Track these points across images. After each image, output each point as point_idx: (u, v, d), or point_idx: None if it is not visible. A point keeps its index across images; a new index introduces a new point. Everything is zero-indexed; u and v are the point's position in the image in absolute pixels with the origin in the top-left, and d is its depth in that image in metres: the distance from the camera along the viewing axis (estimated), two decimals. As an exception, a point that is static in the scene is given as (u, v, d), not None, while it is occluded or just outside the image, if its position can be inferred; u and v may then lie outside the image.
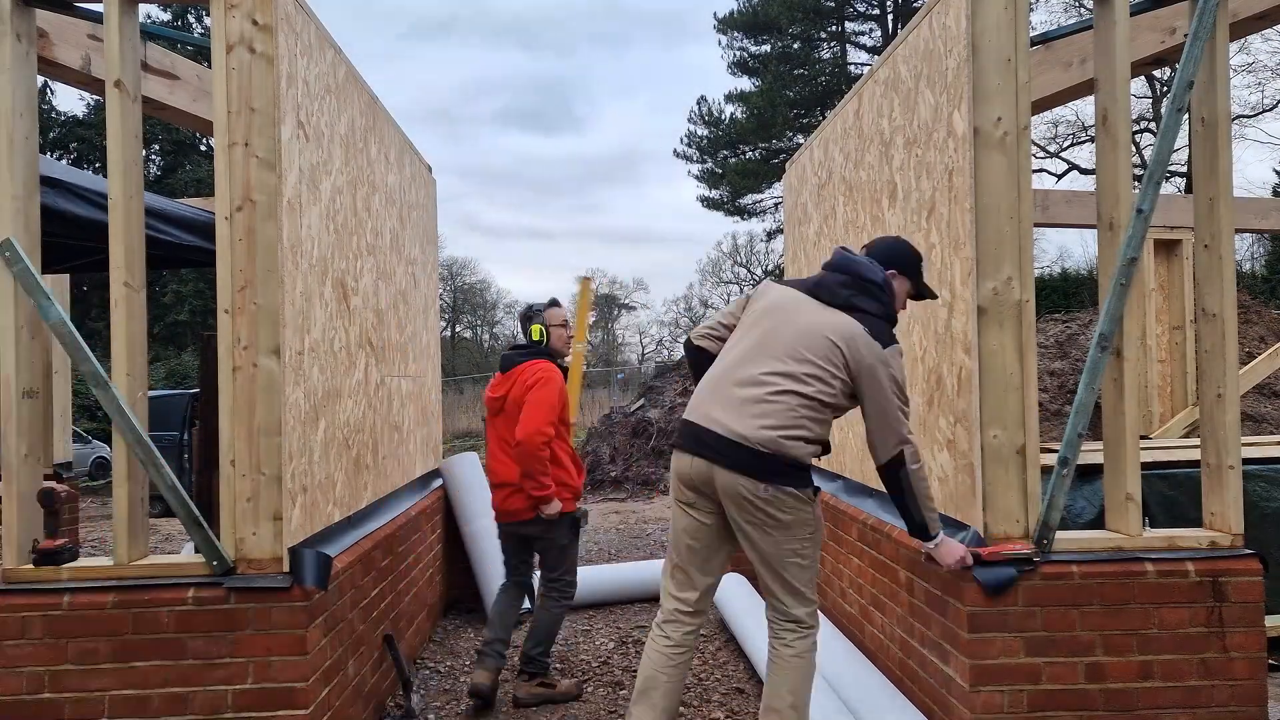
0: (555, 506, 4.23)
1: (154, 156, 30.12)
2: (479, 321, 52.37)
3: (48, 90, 28.32)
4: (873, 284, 3.13)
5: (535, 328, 4.41)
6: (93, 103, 28.88)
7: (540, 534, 4.35)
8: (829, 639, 4.40)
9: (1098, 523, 4.05)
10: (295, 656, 3.07)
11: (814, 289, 3.16)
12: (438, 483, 5.83)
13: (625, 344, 55.13)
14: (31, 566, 3.12)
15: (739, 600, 5.21)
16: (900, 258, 3.26)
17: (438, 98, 80.00)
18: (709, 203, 36.12)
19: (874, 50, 31.93)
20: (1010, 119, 3.16)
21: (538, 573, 4.58)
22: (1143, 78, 24.99)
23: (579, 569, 6.25)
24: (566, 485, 4.33)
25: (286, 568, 3.09)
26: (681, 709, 4.13)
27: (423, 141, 5.72)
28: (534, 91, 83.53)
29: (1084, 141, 28.76)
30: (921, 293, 3.34)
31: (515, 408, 4.24)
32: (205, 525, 3.05)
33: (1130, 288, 3.18)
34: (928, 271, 3.56)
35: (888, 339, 3.05)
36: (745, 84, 33.80)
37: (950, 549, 3.09)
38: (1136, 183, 3.25)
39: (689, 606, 3.20)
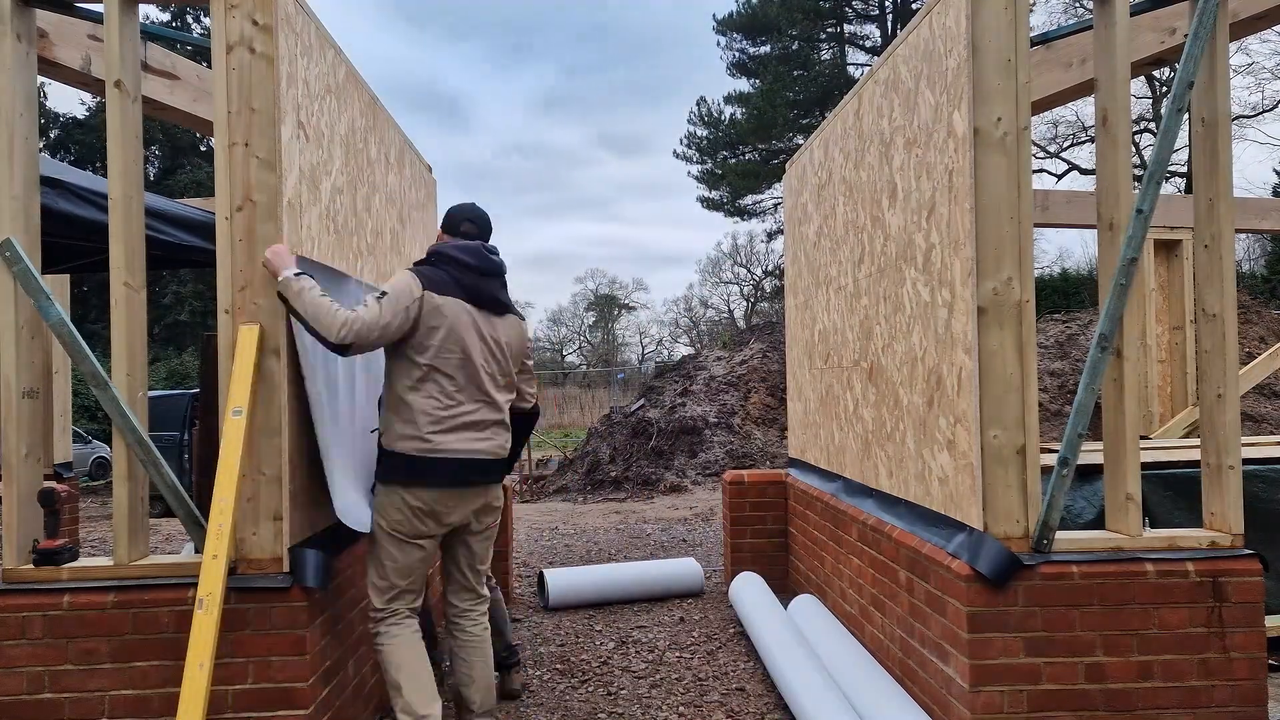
0: None
1: (154, 157, 30.10)
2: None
3: (42, 91, 28.31)
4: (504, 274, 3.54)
5: None
6: (93, 103, 28.86)
7: None
8: (833, 634, 4.42)
9: (1098, 523, 4.05)
10: (295, 656, 3.07)
11: (477, 298, 3.37)
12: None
13: (625, 344, 55.22)
14: (31, 566, 3.12)
15: (754, 596, 5.24)
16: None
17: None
18: (709, 203, 36.12)
19: (873, 51, 31.93)
20: (1010, 119, 3.16)
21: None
22: (1143, 78, 25.00)
23: (580, 569, 6.24)
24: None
25: (287, 568, 3.09)
26: (681, 709, 4.13)
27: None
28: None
29: (1084, 141, 28.77)
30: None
31: None
32: (205, 525, 3.05)
33: (1130, 288, 3.18)
34: (928, 271, 3.59)
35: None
36: (744, 85, 33.83)
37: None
38: (1136, 183, 3.26)
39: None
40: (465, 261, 3.35)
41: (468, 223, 3.57)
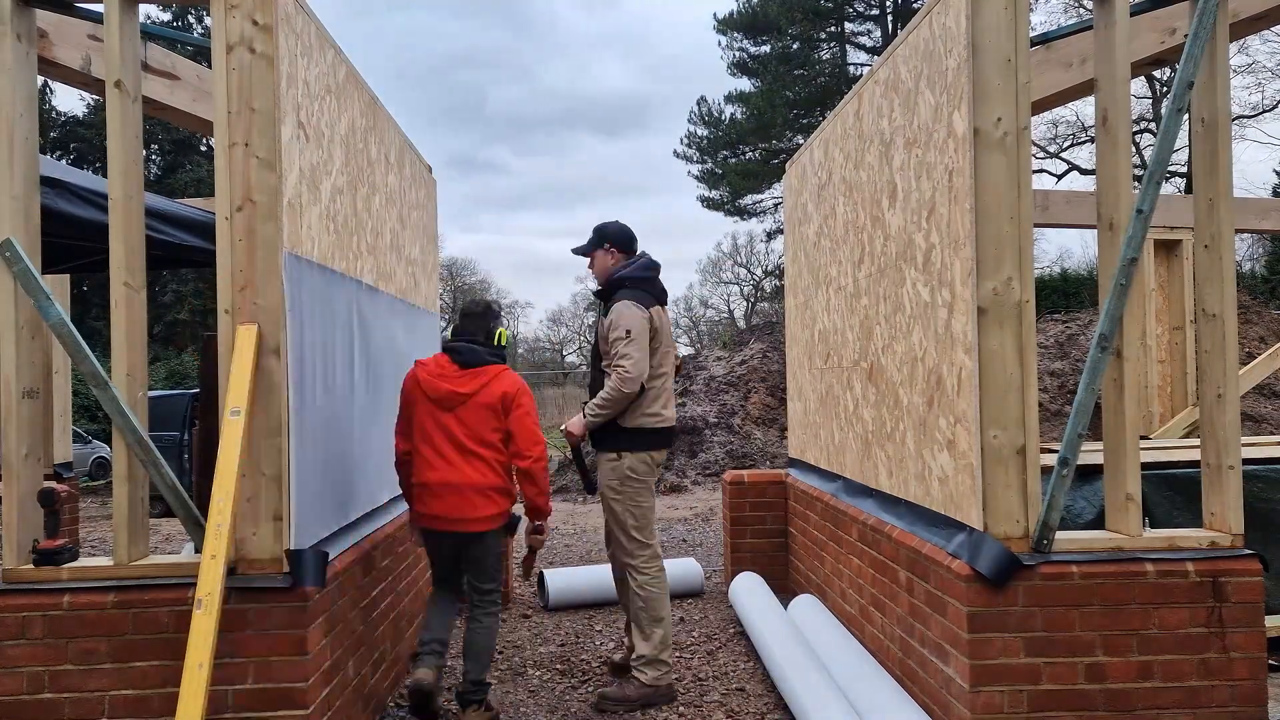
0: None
1: (154, 156, 30.08)
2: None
3: (47, 90, 28.29)
4: None
5: (502, 332, 4.13)
6: (93, 103, 28.85)
7: (486, 545, 3.95)
8: (833, 634, 4.42)
9: (1098, 523, 4.05)
10: (295, 657, 3.07)
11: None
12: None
13: (625, 344, 55.02)
14: (31, 566, 3.12)
15: (754, 596, 5.24)
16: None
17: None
18: (709, 203, 36.10)
19: (873, 51, 31.92)
20: (1010, 119, 3.16)
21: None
22: (1143, 78, 24.99)
23: (581, 568, 6.24)
24: (511, 493, 4.01)
25: (286, 568, 3.09)
26: (681, 709, 4.13)
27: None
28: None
29: (1084, 141, 28.76)
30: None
31: (485, 411, 3.86)
32: (205, 525, 3.05)
33: (1130, 288, 3.18)
34: (928, 271, 3.60)
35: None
36: (745, 85, 33.81)
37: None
38: (1136, 183, 3.26)
39: None
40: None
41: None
